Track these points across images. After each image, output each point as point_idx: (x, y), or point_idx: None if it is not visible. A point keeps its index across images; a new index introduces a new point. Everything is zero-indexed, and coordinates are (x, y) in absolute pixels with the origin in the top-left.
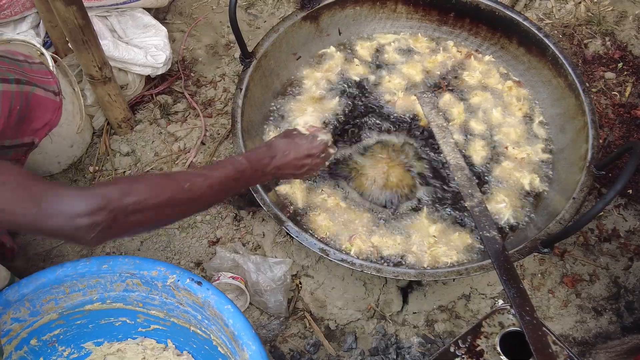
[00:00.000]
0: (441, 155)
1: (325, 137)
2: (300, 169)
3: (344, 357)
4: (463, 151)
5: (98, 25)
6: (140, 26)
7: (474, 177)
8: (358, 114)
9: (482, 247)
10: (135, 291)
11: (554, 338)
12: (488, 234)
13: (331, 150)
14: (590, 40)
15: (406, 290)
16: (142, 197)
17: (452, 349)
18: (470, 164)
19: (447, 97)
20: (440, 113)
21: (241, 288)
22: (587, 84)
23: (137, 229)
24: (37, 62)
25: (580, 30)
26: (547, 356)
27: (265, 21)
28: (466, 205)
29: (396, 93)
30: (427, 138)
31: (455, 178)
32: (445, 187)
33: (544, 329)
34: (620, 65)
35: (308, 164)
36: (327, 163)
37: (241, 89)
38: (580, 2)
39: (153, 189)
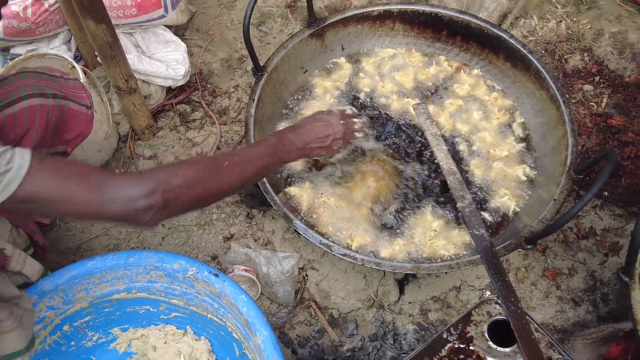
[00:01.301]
0: (435, 160)
1: (344, 107)
2: (325, 140)
3: (345, 342)
4: (466, 169)
5: (124, 41)
6: (162, 42)
7: (464, 181)
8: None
9: None
10: (158, 282)
11: (536, 326)
12: (477, 232)
13: (356, 120)
14: (570, 55)
15: (402, 282)
16: (189, 177)
17: (444, 335)
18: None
19: (436, 108)
20: (434, 122)
21: (253, 280)
22: (567, 96)
23: (189, 207)
24: (71, 79)
25: (561, 46)
26: (530, 342)
27: (274, 37)
28: (457, 206)
29: (390, 97)
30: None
31: (448, 181)
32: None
33: (527, 317)
34: (597, 78)
35: (331, 134)
36: (356, 128)
37: (254, 100)
38: (561, 21)
39: (197, 170)
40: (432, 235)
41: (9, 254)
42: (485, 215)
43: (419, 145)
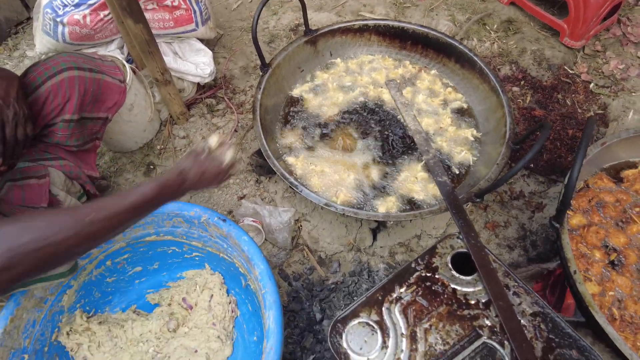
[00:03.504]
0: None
1: (228, 154)
2: (210, 184)
3: (330, 277)
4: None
5: (165, 48)
6: (194, 50)
7: (429, 138)
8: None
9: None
10: (180, 227)
11: (494, 257)
12: (440, 179)
13: (232, 170)
14: (502, 66)
15: (375, 230)
16: (40, 234)
17: (413, 265)
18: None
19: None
20: (403, 94)
21: (259, 228)
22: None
23: (42, 267)
24: (108, 60)
25: (495, 60)
26: (488, 271)
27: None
28: (423, 158)
29: (368, 87)
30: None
31: (415, 139)
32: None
33: (485, 250)
34: (522, 82)
35: (216, 180)
36: (232, 171)
37: (260, 88)
38: (494, 42)
39: (53, 225)
40: (413, 180)
41: (61, 199)
42: (454, 169)
43: (387, 122)
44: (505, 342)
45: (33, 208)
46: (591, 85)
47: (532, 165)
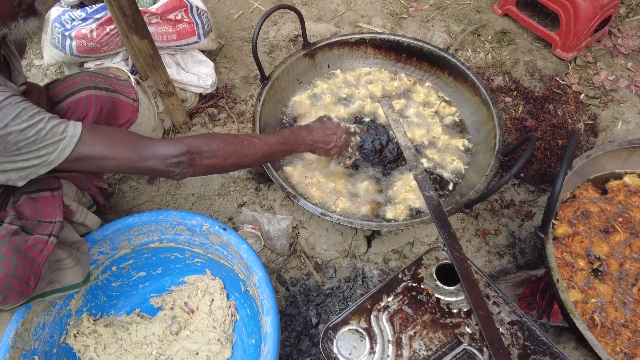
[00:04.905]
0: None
1: (348, 125)
2: (328, 144)
3: (326, 283)
4: (434, 170)
5: (168, 59)
6: (196, 61)
7: (418, 154)
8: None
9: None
10: (182, 235)
11: (476, 269)
12: (427, 194)
13: (352, 138)
14: (495, 77)
15: (370, 238)
16: (214, 147)
17: (400, 276)
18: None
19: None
20: (395, 111)
21: (258, 235)
22: (495, 100)
23: (210, 170)
24: (123, 79)
25: (488, 70)
26: (471, 282)
27: (280, 61)
28: (412, 173)
29: (365, 100)
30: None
31: (405, 154)
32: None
33: (468, 262)
34: (514, 93)
35: (333, 141)
36: (351, 145)
37: (260, 100)
38: (488, 53)
39: (222, 143)
40: (408, 189)
41: (73, 210)
42: (450, 177)
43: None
44: (484, 349)
45: (49, 223)
46: (582, 96)
47: (522, 174)
